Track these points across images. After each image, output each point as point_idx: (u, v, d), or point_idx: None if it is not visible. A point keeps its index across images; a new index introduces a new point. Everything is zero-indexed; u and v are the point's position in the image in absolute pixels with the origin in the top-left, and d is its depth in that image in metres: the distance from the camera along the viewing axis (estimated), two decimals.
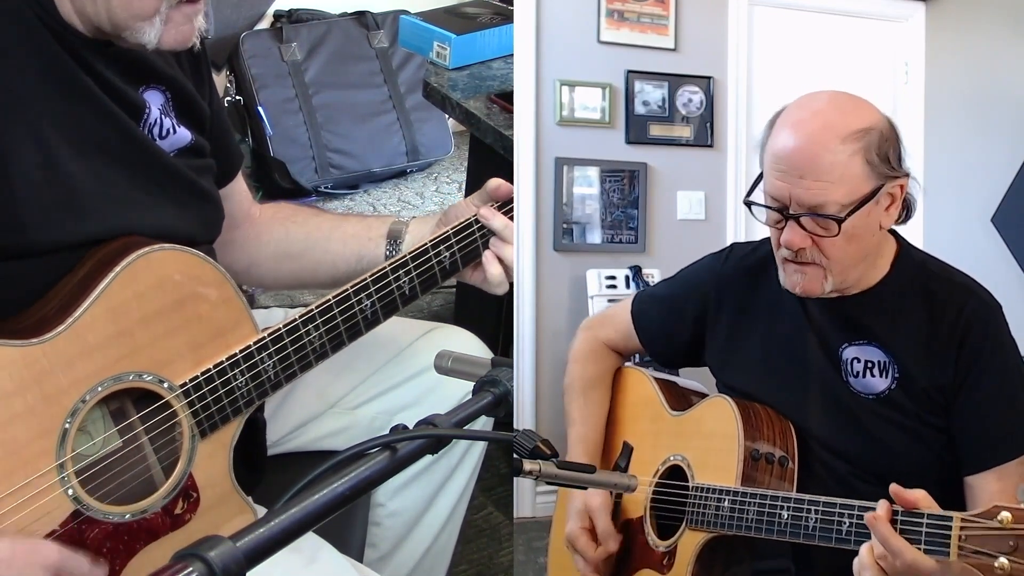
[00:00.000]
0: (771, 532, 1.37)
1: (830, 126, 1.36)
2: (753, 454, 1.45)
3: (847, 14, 2.76)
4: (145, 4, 1.27)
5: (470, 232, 1.55)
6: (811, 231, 1.37)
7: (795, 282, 1.43)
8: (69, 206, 1.28)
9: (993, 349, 1.42)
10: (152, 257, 1.29)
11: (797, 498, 1.36)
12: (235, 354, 1.35)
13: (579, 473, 1.25)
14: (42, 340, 1.21)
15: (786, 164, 1.36)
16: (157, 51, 1.40)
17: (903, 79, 2.75)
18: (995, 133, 2.57)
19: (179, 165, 1.42)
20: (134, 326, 1.28)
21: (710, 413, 1.56)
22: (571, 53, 2.60)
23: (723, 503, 1.43)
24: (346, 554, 1.49)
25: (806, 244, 1.38)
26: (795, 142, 1.36)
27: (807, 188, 1.35)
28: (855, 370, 1.46)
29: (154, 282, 1.29)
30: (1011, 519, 1.11)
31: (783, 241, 1.39)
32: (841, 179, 1.35)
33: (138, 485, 1.30)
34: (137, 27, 1.28)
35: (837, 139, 1.35)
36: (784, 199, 1.37)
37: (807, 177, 1.35)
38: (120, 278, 1.26)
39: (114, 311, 1.26)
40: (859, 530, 1.27)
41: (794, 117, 1.39)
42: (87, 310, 1.24)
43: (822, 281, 1.41)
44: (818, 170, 1.35)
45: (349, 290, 1.44)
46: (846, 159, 1.35)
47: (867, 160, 1.36)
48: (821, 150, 1.35)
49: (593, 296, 2.50)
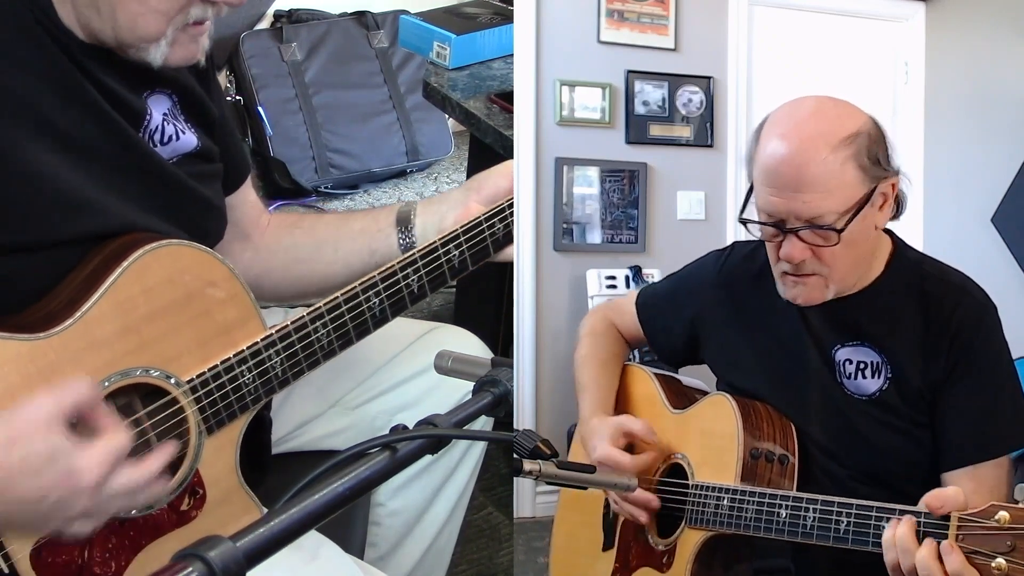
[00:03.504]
0: (770, 531, 1.37)
1: (818, 136, 1.35)
2: (753, 452, 1.45)
3: (847, 14, 2.76)
4: (151, 28, 1.27)
5: (479, 231, 1.54)
6: (810, 243, 1.37)
7: (796, 294, 1.43)
8: (69, 206, 1.27)
9: (982, 348, 1.42)
10: (161, 252, 1.29)
11: (796, 496, 1.36)
12: (243, 351, 1.34)
13: (579, 473, 1.26)
14: (49, 334, 1.21)
15: (779, 180, 1.35)
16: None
17: (903, 79, 2.75)
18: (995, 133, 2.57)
19: (177, 173, 1.41)
20: (141, 321, 1.27)
21: (710, 411, 1.56)
22: (571, 53, 2.60)
23: (722, 501, 1.43)
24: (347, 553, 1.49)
25: (806, 256, 1.37)
26: (786, 156, 1.35)
27: (804, 202, 1.34)
28: (847, 371, 1.46)
29: (163, 277, 1.29)
30: (1009, 519, 1.10)
31: (783, 255, 1.38)
32: (836, 188, 1.34)
33: None
34: (143, 47, 1.29)
35: (828, 148, 1.34)
36: (780, 214, 1.36)
37: (802, 191, 1.34)
38: (128, 273, 1.26)
39: (122, 306, 1.26)
40: (857, 529, 1.27)
41: (780, 129, 1.37)
42: (94, 305, 1.24)
43: (823, 290, 1.41)
44: (813, 183, 1.34)
45: (357, 288, 1.44)
46: (839, 168, 1.34)
47: (859, 165, 1.35)
48: (812, 163, 1.33)
49: (593, 296, 2.50)
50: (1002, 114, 2.55)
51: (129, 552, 1.28)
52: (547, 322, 2.52)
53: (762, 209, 1.39)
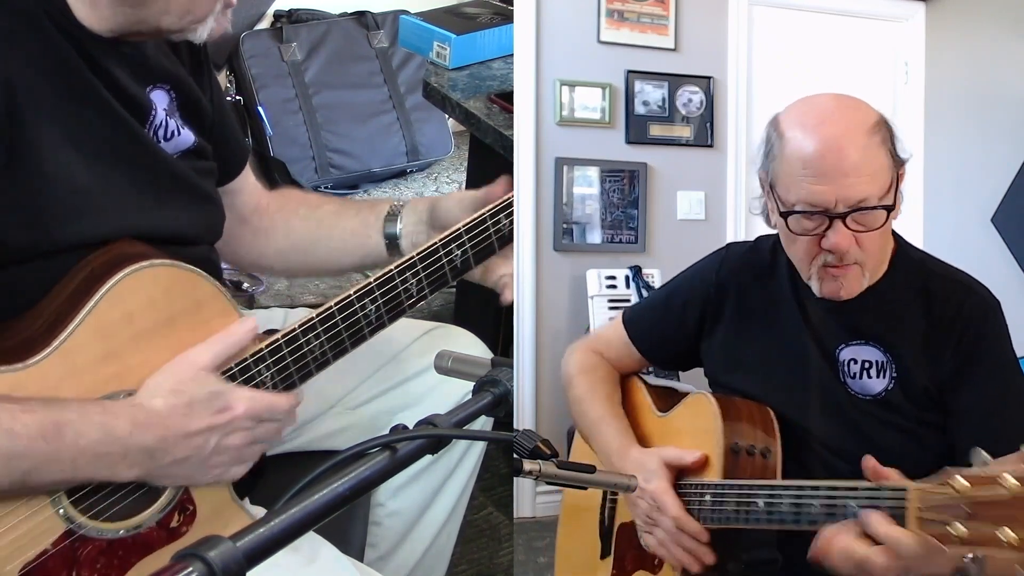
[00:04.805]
0: (748, 521, 1.37)
1: (852, 123, 1.37)
2: (734, 448, 1.45)
3: (847, 14, 2.77)
4: (205, 7, 1.32)
5: (484, 229, 1.53)
6: (855, 229, 1.37)
7: (836, 288, 1.41)
8: (73, 208, 1.27)
9: (991, 346, 1.42)
10: (143, 275, 1.26)
11: (771, 485, 1.36)
12: (231, 368, 1.32)
13: (579, 473, 1.25)
14: (27, 365, 1.19)
15: (822, 167, 1.35)
16: (162, 50, 1.40)
17: (903, 79, 2.75)
18: (995, 133, 2.57)
19: (183, 168, 1.41)
20: (123, 345, 1.25)
21: (691, 410, 1.56)
22: (571, 53, 2.60)
23: (705, 498, 1.43)
24: (347, 554, 1.49)
25: (851, 244, 1.37)
26: (825, 144, 1.35)
27: (851, 185, 1.34)
28: (852, 371, 1.46)
29: (144, 300, 1.26)
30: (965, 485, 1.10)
31: (830, 245, 1.37)
32: (877, 171, 1.36)
33: (132, 501, 1.28)
34: (191, 29, 1.32)
35: (864, 135, 1.36)
36: (827, 202, 1.36)
37: (850, 175, 1.35)
38: (108, 297, 1.23)
39: (103, 331, 1.23)
40: (827, 511, 1.27)
41: (810, 121, 1.39)
42: (74, 332, 1.21)
43: (861, 280, 1.41)
44: (857, 167, 1.35)
45: (352, 296, 1.41)
46: (876, 152, 1.36)
47: (888, 151, 1.38)
48: (854, 147, 1.35)
49: (593, 296, 2.50)
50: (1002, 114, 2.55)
51: (119, 571, 1.27)
52: (547, 322, 2.52)
53: (803, 200, 1.38)
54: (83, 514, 1.24)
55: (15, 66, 1.21)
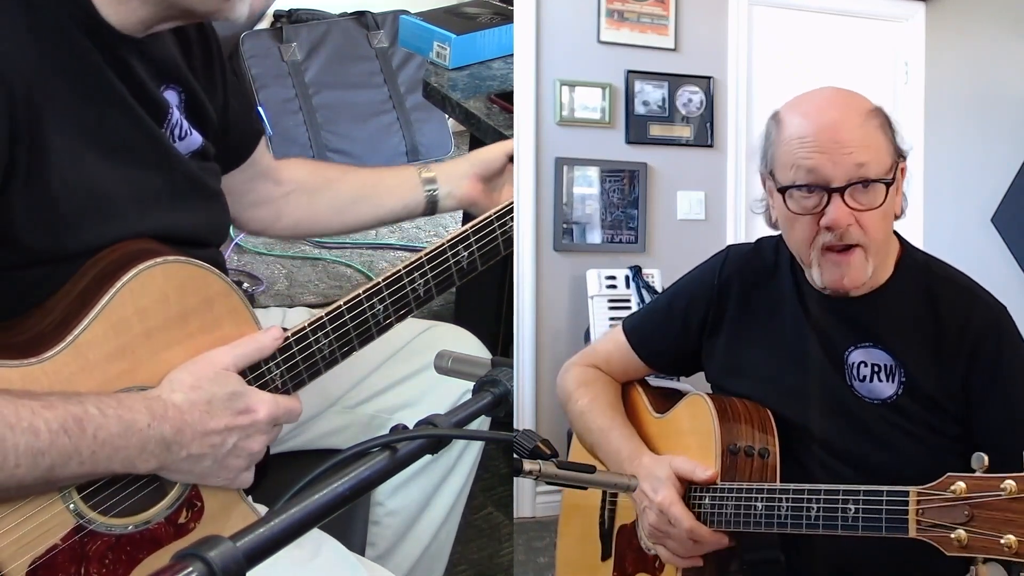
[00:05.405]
0: (748, 524, 1.37)
1: (847, 107, 1.39)
2: (731, 448, 1.44)
3: (847, 14, 2.76)
4: None
5: (491, 231, 1.53)
6: (854, 207, 1.36)
7: (838, 276, 1.39)
8: (92, 210, 1.26)
9: (1011, 357, 1.41)
10: (155, 271, 1.26)
11: (770, 488, 1.36)
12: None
13: (579, 473, 1.25)
14: (41, 359, 1.19)
15: (819, 139, 1.36)
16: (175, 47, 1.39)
17: (903, 79, 2.75)
18: (995, 133, 2.57)
19: (196, 169, 1.41)
20: (136, 341, 1.26)
21: (688, 411, 1.55)
22: (571, 53, 2.60)
23: (703, 500, 1.43)
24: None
25: (851, 220, 1.36)
26: (821, 122, 1.37)
27: (849, 153, 1.35)
28: (861, 374, 1.44)
29: (157, 297, 1.27)
30: (965, 489, 1.10)
31: (828, 221, 1.36)
32: (876, 147, 1.37)
33: (142, 496, 1.29)
34: (228, 9, 1.30)
35: (860, 116, 1.38)
36: (826, 173, 1.36)
37: (847, 146, 1.36)
38: (122, 293, 1.24)
39: (115, 327, 1.24)
40: (827, 514, 1.27)
41: (806, 107, 1.41)
42: (87, 327, 1.22)
43: (864, 268, 1.39)
44: (853, 139, 1.36)
45: (362, 295, 1.43)
46: (873, 132, 1.38)
47: (887, 136, 1.39)
48: (850, 123, 1.37)
49: (593, 296, 2.50)
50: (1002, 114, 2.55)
51: (127, 566, 1.27)
52: (547, 322, 2.52)
53: (802, 175, 1.37)
54: (93, 509, 1.25)
55: (36, 66, 1.20)
